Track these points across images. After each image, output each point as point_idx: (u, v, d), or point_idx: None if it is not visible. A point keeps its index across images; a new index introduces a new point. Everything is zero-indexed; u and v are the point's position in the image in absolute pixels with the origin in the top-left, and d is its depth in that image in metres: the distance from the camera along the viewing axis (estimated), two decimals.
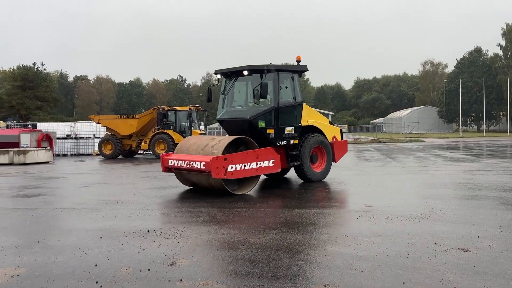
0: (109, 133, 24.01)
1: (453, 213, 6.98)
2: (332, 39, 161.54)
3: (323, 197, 9.13)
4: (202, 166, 8.63)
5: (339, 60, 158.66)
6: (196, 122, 23.22)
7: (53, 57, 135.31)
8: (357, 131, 78.78)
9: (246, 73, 9.95)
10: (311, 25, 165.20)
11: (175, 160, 9.51)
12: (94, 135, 27.84)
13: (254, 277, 4.12)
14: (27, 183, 12.48)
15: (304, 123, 10.75)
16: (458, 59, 68.67)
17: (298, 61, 10.84)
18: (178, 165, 9.39)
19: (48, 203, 8.78)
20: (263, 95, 9.30)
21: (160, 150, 21.23)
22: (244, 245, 5.22)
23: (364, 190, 9.93)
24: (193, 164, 8.88)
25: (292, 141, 10.41)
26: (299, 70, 10.82)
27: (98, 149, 24.40)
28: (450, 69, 76.32)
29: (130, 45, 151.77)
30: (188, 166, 9.07)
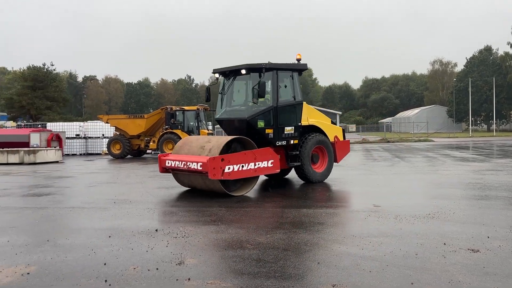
0: (117, 132, 24.17)
1: (462, 213, 6.92)
2: (340, 39, 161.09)
3: (330, 197, 9.10)
4: (199, 167, 8.44)
5: (347, 60, 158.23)
6: (204, 122, 23.29)
7: (62, 57, 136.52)
8: (365, 130, 78.35)
9: (244, 72, 9.77)
10: (320, 24, 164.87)
11: (172, 160, 9.30)
12: (103, 134, 28.05)
13: (262, 276, 4.13)
14: (37, 182, 12.60)
15: (304, 123, 10.53)
16: (468, 57, 68.10)
17: (299, 59, 10.64)
18: (175, 165, 9.21)
19: (58, 202, 8.86)
20: (261, 94, 9.13)
21: (168, 149, 21.32)
22: (252, 245, 5.23)
23: (372, 190, 9.88)
24: (190, 164, 8.70)
25: (292, 141, 10.21)
26: (298, 68, 10.55)
27: (106, 149, 24.56)
28: (460, 68, 75.82)
29: (139, 45, 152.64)
30: (185, 166, 8.88)
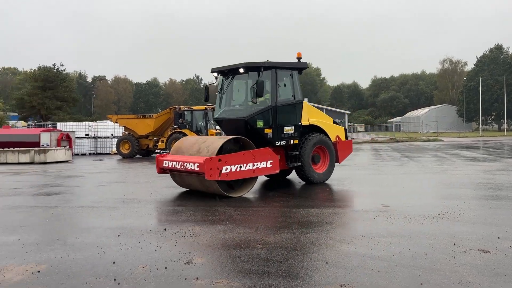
0: (126, 132, 24.33)
1: (472, 213, 6.85)
2: (348, 38, 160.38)
3: (339, 196, 9.06)
4: (196, 168, 8.30)
5: (356, 59, 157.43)
6: (212, 122, 23.33)
7: (72, 58, 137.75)
8: (374, 130, 78.07)
9: (242, 70, 9.57)
10: (328, 23, 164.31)
11: (170, 161, 9.16)
12: (112, 134, 28.26)
13: (270, 276, 4.13)
14: (47, 181, 12.73)
15: (305, 123, 10.33)
16: (478, 56, 67.41)
17: (299, 58, 10.39)
18: (172, 166, 9.07)
19: (67, 201, 8.94)
20: (259, 93, 8.99)
21: None
22: (260, 244, 5.23)
23: (381, 189, 9.83)
24: (186, 165, 8.56)
25: (291, 141, 10.02)
26: (298, 67, 10.33)
27: (116, 148, 24.75)
28: (470, 67, 75.05)
29: (147, 46, 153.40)
30: (182, 167, 8.74)
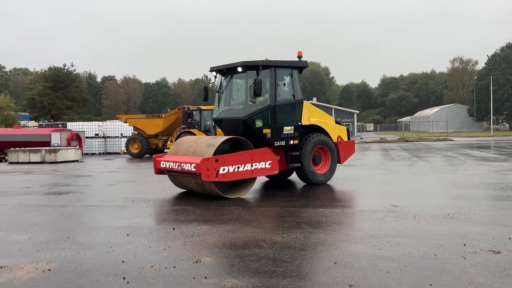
0: (136, 132, 24.48)
1: (483, 213, 6.78)
2: (356, 37, 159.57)
3: (347, 196, 9.03)
4: (193, 168, 8.16)
5: (365, 58, 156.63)
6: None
7: (82, 58, 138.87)
8: (383, 129, 77.62)
9: (240, 69, 9.46)
10: (338, 23, 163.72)
11: (167, 161, 9.03)
12: (122, 134, 28.45)
13: (278, 276, 4.12)
14: (58, 181, 12.86)
15: (305, 122, 10.14)
16: (489, 55, 66.66)
17: (300, 56, 10.22)
18: (169, 167, 8.94)
19: (77, 200, 9.02)
20: (257, 93, 8.83)
21: None
22: (268, 244, 5.23)
23: (390, 189, 9.77)
24: (183, 166, 8.44)
25: (291, 141, 9.82)
26: (298, 66, 10.12)
27: (125, 148, 24.90)
28: (481, 66, 74.25)
29: (157, 46, 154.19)
30: (179, 168, 8.62)
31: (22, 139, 24.20)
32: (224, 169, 8.18)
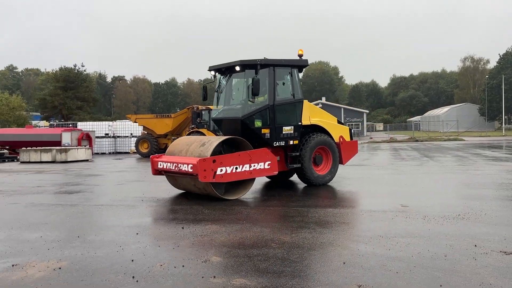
0: (145, 132, 24.63)
1: (494, 214, 6.70)
2: (366, 36, 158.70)
3: (357, 196, 8.98)
4: (190, 169, 8.01)
5: (374, 58, 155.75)
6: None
7: (92, 58, 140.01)
8: (393, 129, 77.12)
9: (238, 68, 9.28)
10: (348, 22, 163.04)
11: (165, 162, 8.88)
12: (131, 134, 28.64)
13: (287, 275, 4.12)
14: (68, 180, 12.98)
15: (306, 122, 9.93)
16: (501, 54, 65.83)
17: (300, 55, 10.00)
18: (167, 167, 8.81)
19: (88, 199, 9.10)
20: (254, 92, 8.67)
21: None
22: (276, 244, 5.23)
23: (400, 189, 9.70)
24: (180, 166, 8.29)
25: (291, 142, 9.63)
26: (298, 64, 9.91)
27: (135, 148, 25.06)
28: (492, 64, 73.34)
29: (166, 46, 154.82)
30: (176, 168, 8.46)
31: (34, 139, 24.49)
32: (221, 170, 8.01)
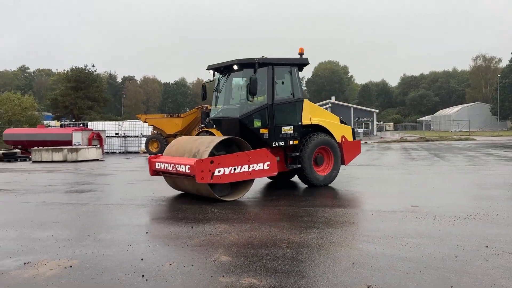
0: (155, 131, 24.77)
1: (506, 214, 6.62)
2: (377, 35, 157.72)
3: (366, 196, 8.93)
4: (187, 170, 7.86)
5: (384, 57, 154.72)
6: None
7: (103, 58, 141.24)
8: (403, 129, 76.59)
9: (236, 67, 9.16)
10: (358, 21, 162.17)
11: (162, 163, 8.75)
12: (141, 133, 28.82)
13: (296, 275, 4.12)
14: (79, 179, 13.11)
15: (306, 122, 9.77)
16: None
17: (301, 53, 9.83)
18: (164, 168, 8.67)
19: (98, 198, 9.18)
20: (252, 91, 8.56)
21: None
22: (285, 244, 5.22)
23: (410, 189, 9.63)
24: (178, 167, 8.15)
25: (291, 142, 9.48)
26: (298, 63, 9.72)
27: (145, 147, 25.20)
28: (504, 63, 72.40)
29: (176, 46, 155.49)
30: (173, 169, 8.33)
31: (45, 139, 24.78)
32: (219, 171, 7.85)
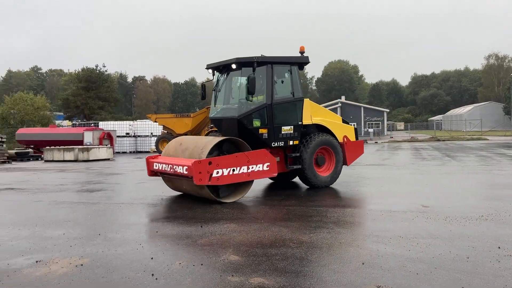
0: (165, 131, 24.92)
1: None
2: (388, 33, 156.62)
3: (377, 196, 8.88)
4: (185, 171, 7.74)
5: (395, 56, 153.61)
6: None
7: (113, 59, 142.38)
8: (414, 128, 75.98)
9: (235, 66, 8.98)
10: (368, 20, 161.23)
11: (160, 163, 8.63)
12: (151, 133, 29.00)
13: (305, 275, 4.11)
14: (90, 178, 13.23)
15: (307, 122, 9.58)
16: None
17: (302, 52, 9.63)
18: (162, 169, 8.54)
19: (109, 198, 9.26)
20: (250, 90, 8.39)
21: None
22: (295, 243, 5.22)
23: (420, 189, 9.55)
24: (176, 168, 8.03)
25: (291, 142, 9.30)
26: (298, 61, 9.52)
27: (155, 147, 25.36)
28: None
29: (186, 46, 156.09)
30: (171, 170, 8.20)
31: (57, 138, 25.08)
32: (218, 172, 7.67)
